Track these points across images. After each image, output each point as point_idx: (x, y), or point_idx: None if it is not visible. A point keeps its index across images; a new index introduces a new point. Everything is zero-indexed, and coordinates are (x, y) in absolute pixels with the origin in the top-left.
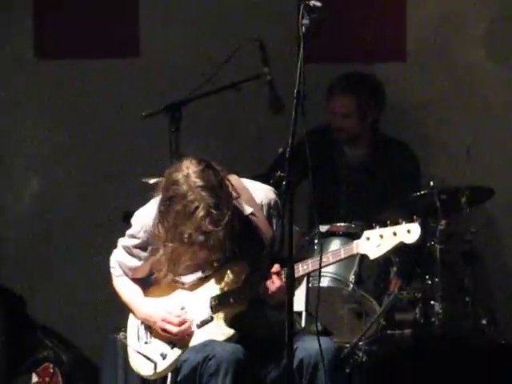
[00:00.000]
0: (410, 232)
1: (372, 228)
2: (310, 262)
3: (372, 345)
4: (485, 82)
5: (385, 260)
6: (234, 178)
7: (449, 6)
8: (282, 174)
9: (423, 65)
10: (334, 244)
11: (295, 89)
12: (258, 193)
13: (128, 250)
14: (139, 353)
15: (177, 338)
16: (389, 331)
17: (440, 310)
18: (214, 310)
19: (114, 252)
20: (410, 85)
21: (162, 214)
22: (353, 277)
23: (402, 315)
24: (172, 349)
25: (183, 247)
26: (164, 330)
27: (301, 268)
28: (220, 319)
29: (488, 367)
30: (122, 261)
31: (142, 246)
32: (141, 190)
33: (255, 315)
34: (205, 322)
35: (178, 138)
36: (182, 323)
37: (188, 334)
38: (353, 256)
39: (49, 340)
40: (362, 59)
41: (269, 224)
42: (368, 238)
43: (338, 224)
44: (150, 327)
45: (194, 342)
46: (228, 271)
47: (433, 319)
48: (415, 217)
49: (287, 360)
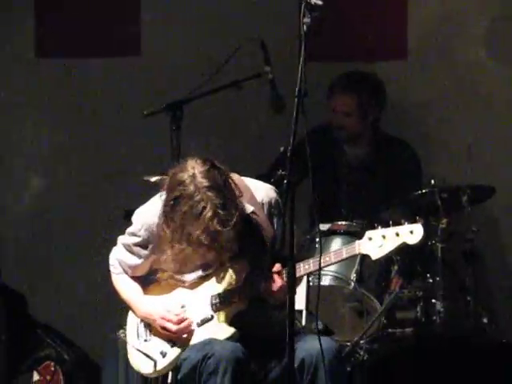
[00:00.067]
0: (412, 233)
1: (374, 228)
2: (311, 261)
3: (373, 343)
4: (486, 81)
5: (386, 259)
6: (235, 177)
7: (450, 5)
8: (283, 172)
9: (424, 63)
10: (335, 243)
11: (296, 87)
12: (259, 192)
13: (128, 248)
14: (139, 351)
15: (176, 337)
16: (390, 330)
17: (441, 309)
18: (215, 309)
19: (114, 250)
20: (411, 83)
21: (167, 214)
22: (354, 275)
23: (403, 314)
24: (172, 347)
25: (191, 248)
26: (163, 328)
27: (302, 267)
28: (220, 318)
29: (489, 366)
30: (121, 259)
31: (143, 244)
32: (141, 188)
33: (256, 314)
34: (205, 321)
35: (179, 137)
36: (180, 321)
37: (187, 332)
38: (355, 256)
39: (50, 338)
40: (363, 58)
41: (270, 223)
42: (370, 239)
43: (339, 223)
44: (149, 325)
45: (195, 340)
46: (229, 270)
47: (434, 318)
48: (418, 217)
49: (288, 359)
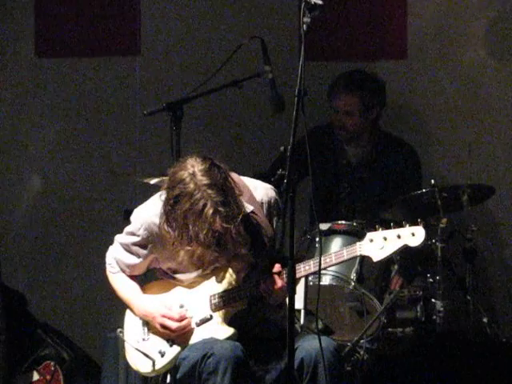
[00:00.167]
0: (414, 235)
1: (374, 228)
2: (311, 262)
3: (373, 343)
4: (486, 81)
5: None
6: (235, 176)
7: (450, 5)
8: (283, 172)
9: (424, 63)
10: (336, 242)
11: (296, 87)
12: (258, 191)
13: (126, 248)
14: (137, 350)
15: (175, 335)
16: (390, 329)
17: (441, 308)
18: (214, 309)
19: (110, 248)
20: (410, 83)
21: (168, 213)
22: (354, 275)
23: (403, 313)
24: (171, 346)
25: (203, 248)
26: (163, 326)
27: (302, 268)
28: (220, 318)
29: (489, 365)
30: (119, 258)
31: (142, 244)
32: (141, 188)
33: (255, 314)
34: (204, 321)
35: (179, 137)
36: (182, 319)
37: (187, 330)
38: (355, 257)
39: (50, 338)
40: (363, 57)
41: (269, 223)
42: (371, 240)
43: (340, 222)
44: (148, 324)
45: (194, 340)
46: (228, 270)
47: (434, 317)
48: (419, 219)
49: (288, 359)
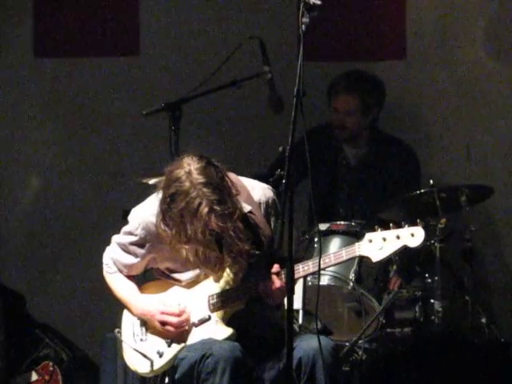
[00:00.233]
0: (413, 235)
1: (373, 228)
2: (310, 262)
3: (372, 343)
4: (484, 80)
5: None
6: (232, 176)
7: (448, 5)
8: (281, 172)
9: (423, 63)
10: (334, 242)
11: (295, 87)
12: (256, 191)
13: (123, 248)
14: (135, 350)
15: (175, 333)
16: (388, 329)
17: (439, 309)
18: (212, 309)
19: (108, 249)
20: (409, 83)
21: (165, 212)
22: (353, 275)
23: (402, 313)
24: (169, 346)
25: (203, 246)
26: (163, 323)
27: (301, 269)
28: (218, 318)
29: (487, 365)
30: (116, 258)
31: (139, 243)
32: (140, 188)
33: (254, 314)
34: (203, 321)
35: (178, 137)
36: (181, 313)
37: (186, 329)
38: (354, 257)
39: (49, 338)
40: (362, 58)
41: (267, 223)
42: (370, 241)
43: (338, 222)
44: (145, 324)
45: (192, 340)
46: (226, 270)
47: (432, 317)
48: (419, 220)
49: (287, 359)
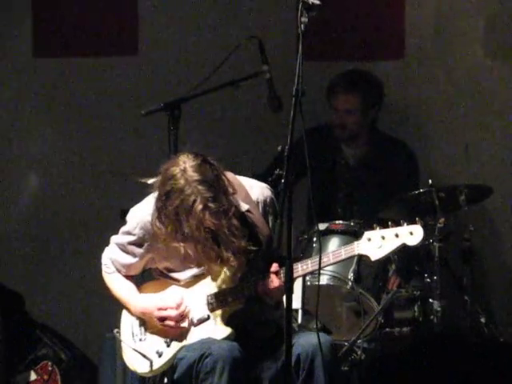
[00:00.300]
0: (412, 234)
1: (372, 228)
2: (309, 261)
3: (370, 343)
4: (483, 81)
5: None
6: (230, 175)
7: (447, 4)
8: (280, 172)
9: (422, 63)
10: (333, 242)
11: (294, 87)
12: (253, 190)
13: (122, 247)
14: (134, 350)
15: (175, 328)
16: (387, 329)
17: (438, 308)
18: (211, 309)
19: (106, 249)
20: (408, 83)
21: (160, 209)
22: (351, 275)
23: (401, 313)
24: (168, 346)
25: (200, 244)
26: (162, 319)
27: (300, 268)
28: (217, 317)
29: (486, 365)
30: (115, 258)
31: (138, 243)
32: (139, 188)
33: (252, 314)
34: (201, 321)
35: (177, 136)
36: (178, 306)
37: (185, 327)
38: (353, 256)
39: (47, 338)
40: (360, 57)
41: (265, 222)
42: (369, 239)
43: (337, 222)
44: (144, 324)
45: (191, 340)
46: (225, 269)
47: (431, 317)
48: (417, 218)
49: (285, 359)
